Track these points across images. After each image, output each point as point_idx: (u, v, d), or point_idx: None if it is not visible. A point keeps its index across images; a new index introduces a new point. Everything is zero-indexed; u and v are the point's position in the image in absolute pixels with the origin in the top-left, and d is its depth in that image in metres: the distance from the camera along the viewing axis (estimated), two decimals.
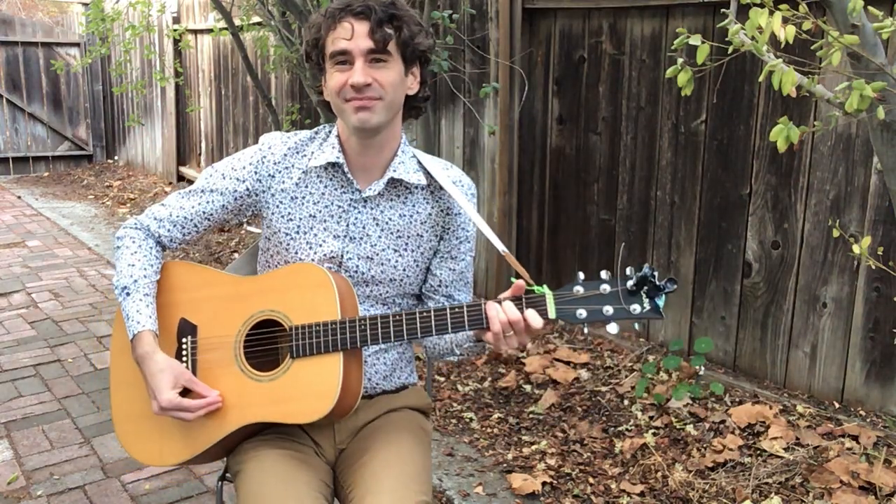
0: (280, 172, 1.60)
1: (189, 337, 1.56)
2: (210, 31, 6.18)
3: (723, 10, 1.68)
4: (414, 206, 1.61)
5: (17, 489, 2.66)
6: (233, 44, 5.54)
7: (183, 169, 8.00)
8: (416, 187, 1.61)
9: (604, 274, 1.38)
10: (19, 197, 7.93)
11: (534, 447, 2.82)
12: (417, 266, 1.63)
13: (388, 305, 1.64)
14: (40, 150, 9.30)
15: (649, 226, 3.48)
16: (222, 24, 5.03)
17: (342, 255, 1.59)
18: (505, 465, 2.73)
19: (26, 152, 9.19)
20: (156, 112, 8.43)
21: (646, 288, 1.35)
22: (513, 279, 1.43)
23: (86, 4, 8.05)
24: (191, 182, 7.83)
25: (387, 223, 1.60)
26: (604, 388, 3.22)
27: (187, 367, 1.54)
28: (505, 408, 3.13)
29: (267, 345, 1.53)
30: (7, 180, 8.88)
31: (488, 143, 4.10)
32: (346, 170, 1.57)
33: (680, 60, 1.51)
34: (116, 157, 9.65)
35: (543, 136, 3.94)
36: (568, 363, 3.45)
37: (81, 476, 2.74)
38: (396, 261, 1.61)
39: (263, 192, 1.61)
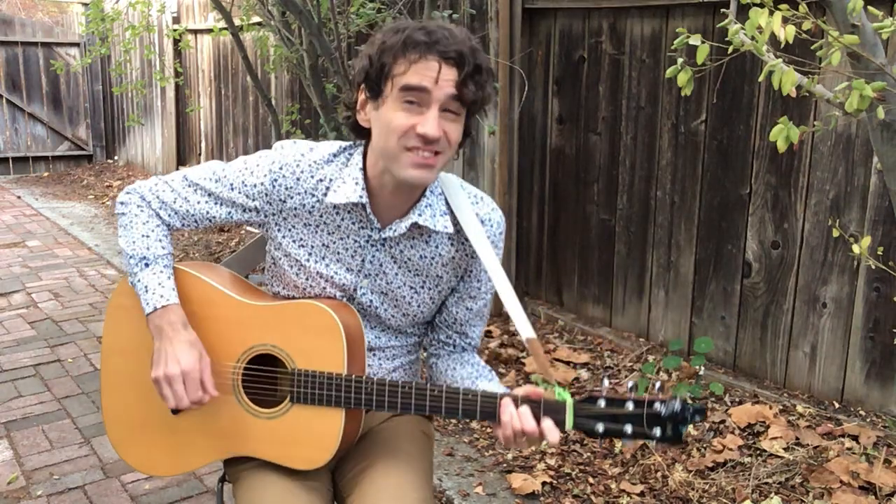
0: (292, 198, 1.47)
1: None
2: (210, 31, 6.18)
3: (723, 10, 1.69)
4: (437, 247, 1.50)
5: (17, 489, 2.66)
6: (233, 44, 5.54)
7: (183, 169, 7.99)
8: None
9: (630, 386, 1.30)
10: (19, 197, 7.94)
11: (534, 447, 2.82)
12: (433, 302, 1.56)
13: (398, 334, 1.59)
14: (40, 150, 9.30)
15: (649, 226, 3.48)
16: (222, 24, 5.04)
17: (355, 289, 1.51)
18: (505, 464, 2.73)
19: (26, 152, 9.19)
20: (156, 112, 8.43)
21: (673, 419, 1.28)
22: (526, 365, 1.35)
23: (86, 4, 8.05)
24: None
25: (405, 262, 1.50)
26: None
27: None
28: None
29: (266, 379, 1.49)
30: (7, 180, 8.88)
31: (488, 143, 4.10)
32: (368, 210, 1.45)
33: (680, 60, 1.51)
34: (116, 157, 9.65)
35: (543, 136, 3.94)
36: (568, 363, 3.45)
37: (81, 476, 2.74)
38: (412, 297, 1.53)
39: (274, 214, 1.50)
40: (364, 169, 1.45)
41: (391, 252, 1.49)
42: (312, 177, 1.46)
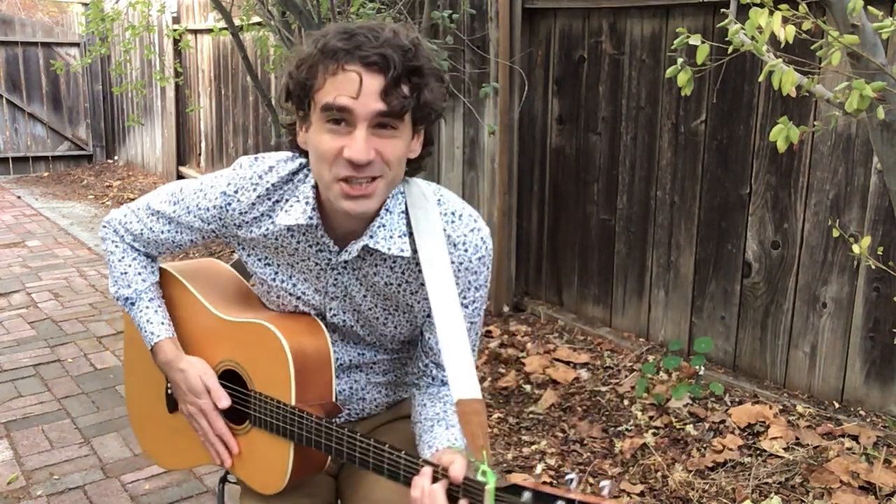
0: (247, 223, 1.37)
1: None
2: (210, 31, 6.18)
3: (723, 10, 1.69)
4: (402, 273, 1.34)
5: (16, 489, 2.66)
6: (233, 44, 5.54)
7: (183, 169, 8.00)
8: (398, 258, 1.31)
9: (569, 478, 1.13)
10: (19, 197, 7.93)
11: (534, 447, 2.82)
12: (411, 325, 1.42)
13: (385, 350, 1.48)
14: (40, 150, 9.29)
15: (649, 226, 3.48)
16: (222, 24, 5.03)
17: (325, 310, 1.41)
18: (505, 465, 2.73)
19: (26, 152, 9.19)
20: (156, 112, 8.43)
21: None
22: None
23: (86, 4, 8.05)
24: None
25: (372, 286, 1.36)
26: (604, 388, 3.22)
27: (165, 398, 1.58)
28: (505, 408, 3.13)
29: (233, 395, 1.46)
30: (7, 180, 8.87)
31: (488, 143, 4.10)
32: (321, 232, 1.32)
33: (680, 60, 1.51)
34: (116, 157, 9.65)
35: (543, 136, 3.94)
36: (568, 363, 3.45)
37: (81, 476, 2.74)
38: (386, 319, 1.40)
39: (233, 236, 1.41)
40: (317, 187, 1.29)
41: (356, 275, 1.35)
42: (269, 199, 1.35)
